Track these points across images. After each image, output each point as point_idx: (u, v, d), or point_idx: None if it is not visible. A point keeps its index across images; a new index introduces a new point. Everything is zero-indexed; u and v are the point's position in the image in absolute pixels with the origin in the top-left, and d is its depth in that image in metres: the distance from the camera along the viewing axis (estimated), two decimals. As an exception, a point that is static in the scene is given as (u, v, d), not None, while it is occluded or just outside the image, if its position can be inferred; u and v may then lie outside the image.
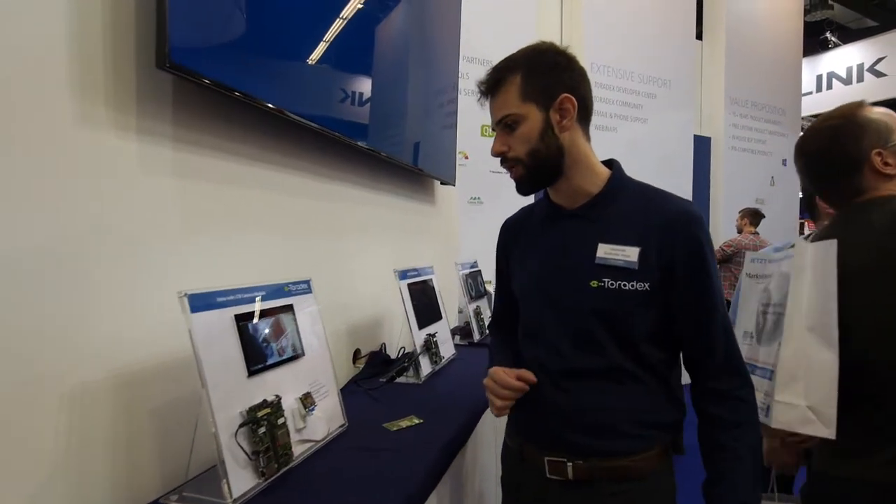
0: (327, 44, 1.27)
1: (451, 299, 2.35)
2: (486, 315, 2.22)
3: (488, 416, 1.40)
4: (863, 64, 9.04)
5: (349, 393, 1.41)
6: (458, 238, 2.76)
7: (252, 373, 0.87)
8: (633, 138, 4.72)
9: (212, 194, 1.03)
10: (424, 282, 1.68)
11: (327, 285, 1.46)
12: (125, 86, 0.83)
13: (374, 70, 1.54)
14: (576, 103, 0.86)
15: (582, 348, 0.87)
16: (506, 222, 1.09)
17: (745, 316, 1.04)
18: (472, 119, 3.90)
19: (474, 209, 4.00)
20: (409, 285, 1.55)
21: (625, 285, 0.83)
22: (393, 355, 1.70)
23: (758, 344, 0.98)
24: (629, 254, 0.84)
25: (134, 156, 0.86)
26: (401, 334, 1.66)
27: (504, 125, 0.87)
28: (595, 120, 0.93)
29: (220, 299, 0.86)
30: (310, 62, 1.22)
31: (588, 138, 0.91)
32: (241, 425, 0.81)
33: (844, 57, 9.39)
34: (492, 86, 0.88)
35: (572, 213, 0.91)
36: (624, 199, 0.89)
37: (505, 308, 1.11)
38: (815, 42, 9.20)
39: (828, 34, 9.35)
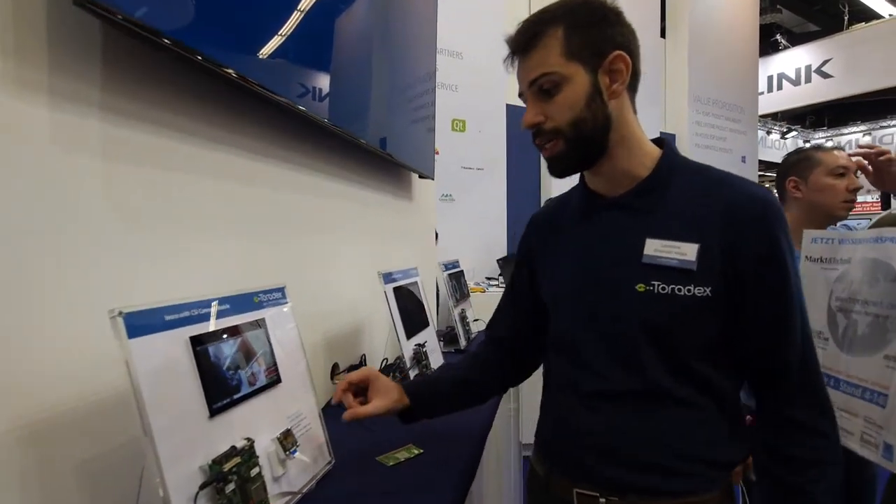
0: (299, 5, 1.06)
1: (432, 302, 2.17)
2: (471, 317, 2.05)
3: (491, 441, 1.23)
4: (810, 66, 9.44)
5: (329, 417, 1.20)
6: (434, 236, 2.58)
7: (215, 412, 0.67)
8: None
9: (155, 182, 0.81)
10: (410, 285, 1.50)
11: (301, 292, 1.25)
12: (30, 28, 0.61)
13: (347, 47, 1.34)
14: (629, 64, 0.71)
15: (623, 366, 0.72)
16: (532, 218, 0.93)
17: (811, 309, 0.89)
18: (444, 113, 3.72)
19: (446, 206, 3.83)
20: (395, 290, 1.36)
21: (679, 290, 0.68)
22: (375, 368, 1.51)
23: (840, 350, 0.84)
24: (685, 251, 0.68)
25: (45, 124, 0.63)
26: (386, 344, 1.47)
27: (540, 89, 0.72)
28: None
29: (168, 317, 0.64)
30: (278, 21, 1.01)
31: (635, 110, 0.77)
32: (201, 486, 0.60)
33: (793, 59, 9.78)
34: (527, 41, 0.72)
35: (614, 201, 0.76)
36: (679, 183, 0.73)
37: (504, 318, 0.97)
38: (766, 45, 9.53)
39: (778, 36, 9.72)
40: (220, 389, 0.69)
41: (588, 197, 0.80)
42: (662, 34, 5.69)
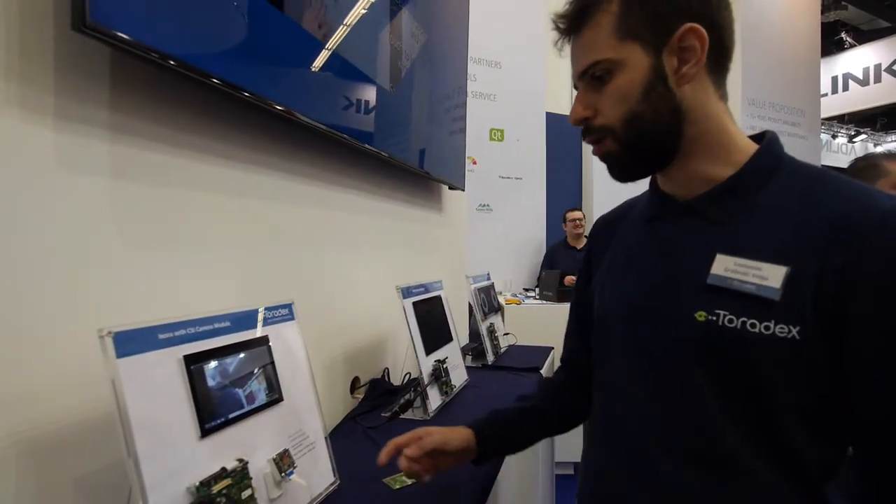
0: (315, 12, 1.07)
1: (460, 315, 2.14)
2: (501, 332, 2.00)
3: (513, 459, 1.18)
4: (880, 64, 8.81)
5: (345, 433, 1.19)
6: (465, 249, 2.55)
7: (207, 432, 0.66)
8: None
9: (163, 200, 0.82)
10: (432, 299, 1.47)
11: (320, 305, 1.25)
12: (36, 53, 0.63)
13: (371, 61, 1.34)
14: (706, 38, 0.56)
15: (675, 417, 0.58)
16: (598, 220, 0.81)
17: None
18: (481, 123, 3.71)
19: (483, 217, 3.80)
20: (415, 304, 1.34)
21: (753, 325, 0.52)
22: (397, 382, 1.49)
23: None
24: (767, 274, 0.52)
25: (49, 146, 0.65)
26: (406, 358, 1.45)
27: (592, 78, 0.60)
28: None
29: (162, 336, 0.64)
30: (290, 35, 1.01)
31: (723, 95, 0.61)
32: (187, 510, 0.59)
33: (860, 58, 9.17)
34: (575, 17, 0.60)
35: (686, 206, 0.62)
36: (776, 188, 0.57)
37: (571, 336, 0.85)
38: (829, 43, 8.98)
39: (843, 34, 9.14)
40: (214, 409, 0.68)
41: (657, 199, 0.66)
42: (713, 36, 5.46)
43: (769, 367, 0.52)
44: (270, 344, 0.81)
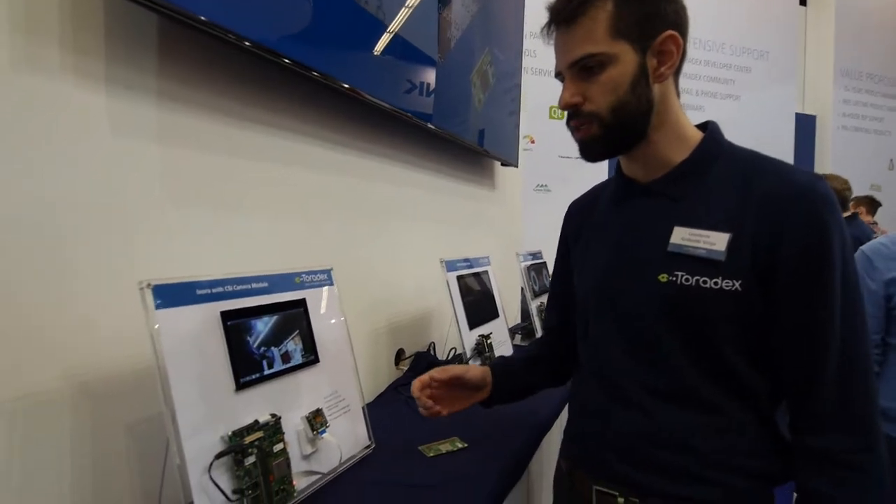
0: (359, -11, 1.06)
1: (513, 295, 2.11)
2: (552, 314, 1.95)
3: (554, 438, 1.15)
4: None
5: (387, 401, 1.21)
6: (520, 227, 2.50)
7: (242, 386, 0.69)
8: (722, 118, 4.21)
9: (210, 165, 0.85)
10: (478, 274, 1.45)
11: (366, 277, 1.27)
12: (88, 22, 0.67)
13: (418, 28, 1.33)
14: (681, 45, 0.66)
15: (645, 362, 0.68)
16: (571, 206, 0.89)
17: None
18: (541, 100, 3.60)
19: (540, 198, 3.71)
20: (459, 278, 1.33)
21: (705, 282, 0.62)
22: (442, 357, 1.49)
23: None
24: (714, 240, 0.63)
25: (102, 112, 0.69)
26: (450, 333, 1.44)
27: (581, 68, 0.65)
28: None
29: (201, 292, 0.67)
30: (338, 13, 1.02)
31: (679, 93, 0.70)
32: (217, 455, 0.62)
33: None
34: (571, 12, 0.65)
35: (647, 188, 0.71)
36: (718, 170, 0.67)
37: (552, 307, 0.95)
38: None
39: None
40: (250, 365, 0.70)
41: (623, 183, 0.74)
42: (802, 1, 4.97)
43: (719, 315, 0.62)
44: (308, 307, 0.83)
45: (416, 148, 1.51)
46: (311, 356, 0.81)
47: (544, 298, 1.91)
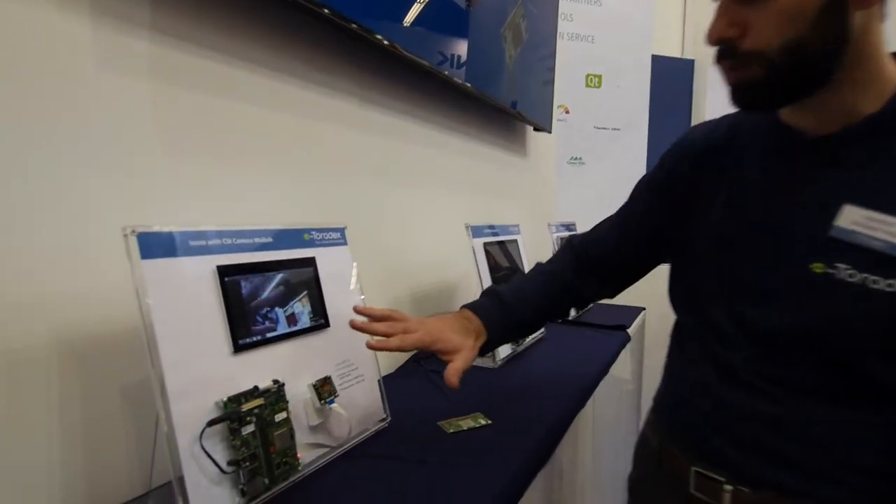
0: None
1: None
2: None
3: (585, 416, 1.06)
4: None
5: (407, 373, 1.14)
6: (554, 198, 2.38)
7: (241, 348, 0.62)
8: None
9: (213, 111, 0.78)
10: (506, 243, 1.36)
11: (387, 241, 1.20)
12: (67, -62, 0.59)
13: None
14: None
15: (776, 356, 0.56)
16: (693, 134, 0.72)
17: None
18: (576, 68, 3.42)
19: (574, 171, 3.55)
20: (486, 245, 1.24)
21: (875, 282, 0.48)
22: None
23: None
24: None
25: (88, 44, 0.62)
26: (476, 306, 1.36)
27: None
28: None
29: (195, 243, 0.60)
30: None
31: (883, 16, 0.51)
32: (208, 423, 0.56)
33: None
34: None
35: (815, 144, 0.55)
36: None
37: (601, 240, 0.83)
38: None
39: None
40: (249, 325, 0.64)
41: (777, 132, 0.59)
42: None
43: (884, 324, 0.49)
44: (317, 266, 0.76)
45: (445, 107, 1.42)
46: (319, 319, 0.74)
47: (577, 272, 1.81)
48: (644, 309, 1.88)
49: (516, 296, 0.83)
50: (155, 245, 0.56)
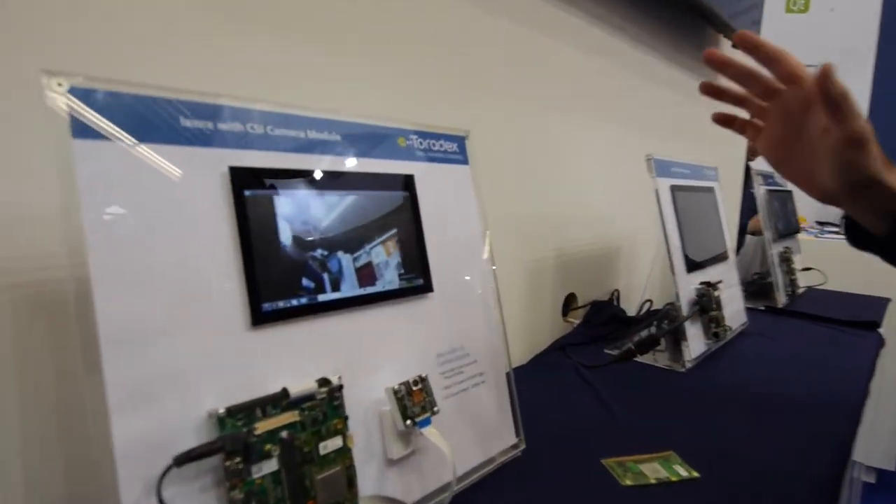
0: None
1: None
2: (799, 265, 1.34)
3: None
4: None
5: (549, 366, 0.81)
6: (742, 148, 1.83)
7: (264, 317, 0.34)
8: None
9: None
10: (701, 191, 0.94)
11: (528, 184, 0.87)
12: None
13: None
14: None
15: None
16: None
17: None
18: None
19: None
20: (675, 189, 0.84)
21: None
22: (631, 311, 1.04)
23: None
24: None
25: None
26: (651, 278, 0.97)
27: None
28: None
29: (192, 123, 0.33)
30: None
31: None
32: (182, 459, 0.29)
33: None
34: None
35: None
36: None
37: None
38: None
39: None
40: (284, 278, 0.36)
41: None
42: None
43: None
44: (417, 191, 0.46)
45: (625, 6, 1.02)
46: (416, 279, 0.44)
47: (790, 242, 1.31)
48: (890, 300, 1.31)
49: None
50: (107, 112, 0.30)
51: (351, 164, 0.42)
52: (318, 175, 0.39)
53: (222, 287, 0.33)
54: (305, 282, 0.37)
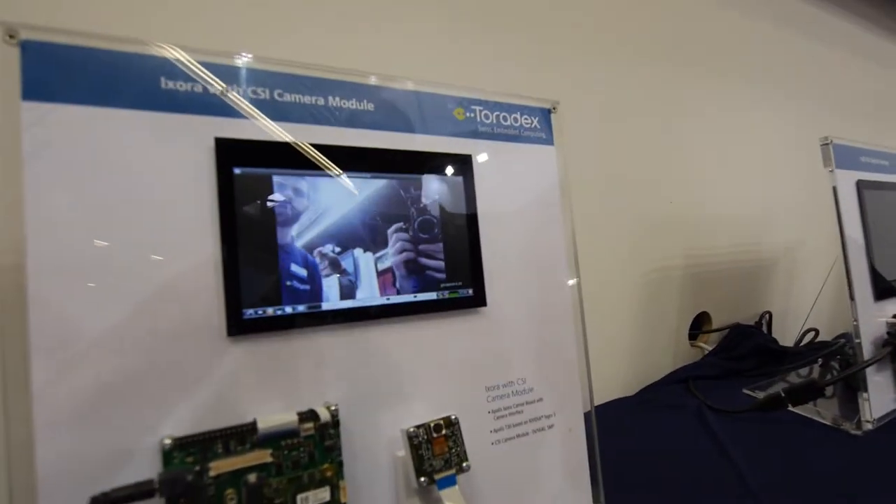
0: None
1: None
2: None
3: None
4: None
5: (658, 403, 0.65)
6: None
7: (244, 328, 0.28)
8: None
9: None
10: (904, 189, 0.69)
11: (644, 168, 0.72)
12: None
13: None
14: None
15: None
16: None
17: None
18: None
19: None
20: (862, 186, 0.62)
21: None
22: (785, 341, 0.82)
23: None
24: None
25: None
26: (821, 301, 0.75)
27: None
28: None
29: (175, 86, 0.28)
30: None
31: None
32: (106, 502, 0.23)
33: None
34: None
35: None
36: None
37: None
38: None
39: None
40: (277, 280, 0.29)
41: None
42: None
43: None
44: (475, 175, 0.36)
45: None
46: (464, 289, 0.35)
47: None
48: None
49: None
50: (66, 70, 0.25)
51: (384, 140, 0.33)
52: (335, 153, 0.31)
53: (195, 285, 0.27)
54: (306, 284, 0.29)
